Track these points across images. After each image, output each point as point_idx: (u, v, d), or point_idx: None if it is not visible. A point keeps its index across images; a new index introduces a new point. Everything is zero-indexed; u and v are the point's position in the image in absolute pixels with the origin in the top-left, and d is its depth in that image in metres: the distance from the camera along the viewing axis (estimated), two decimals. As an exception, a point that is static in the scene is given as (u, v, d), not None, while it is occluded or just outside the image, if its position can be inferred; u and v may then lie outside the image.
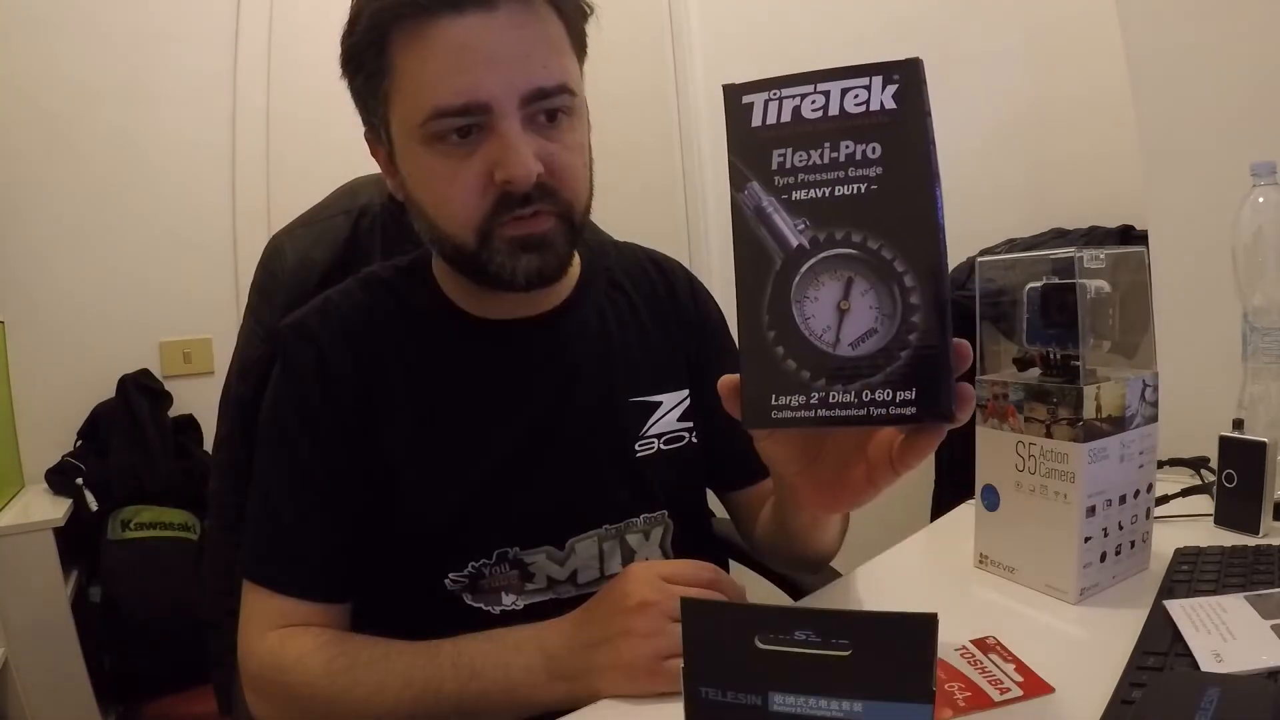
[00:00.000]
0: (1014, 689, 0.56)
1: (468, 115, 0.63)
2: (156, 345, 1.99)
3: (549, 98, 0.65)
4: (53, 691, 1.59)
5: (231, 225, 2.05)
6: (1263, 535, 0.79)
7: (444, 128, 0.63)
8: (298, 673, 0.65)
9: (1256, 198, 0.86)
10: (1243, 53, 1.03)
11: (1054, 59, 1.77)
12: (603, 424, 0.77)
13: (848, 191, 0.44)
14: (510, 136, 0.63)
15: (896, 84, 0.44)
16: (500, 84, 0.62)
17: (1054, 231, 1.69)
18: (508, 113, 0.63)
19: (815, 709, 0.38)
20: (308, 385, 0.71)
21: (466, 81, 0.62)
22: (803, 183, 0.45)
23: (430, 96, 0.63)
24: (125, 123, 1.95)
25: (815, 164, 0.45)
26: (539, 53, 0.64)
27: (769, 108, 0.46)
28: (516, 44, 0.63)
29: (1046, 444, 0.69)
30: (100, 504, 1.75)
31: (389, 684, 0.61)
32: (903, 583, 0.81)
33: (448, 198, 0.66)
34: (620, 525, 0.76)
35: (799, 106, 0.45)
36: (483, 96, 0.62)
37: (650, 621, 0.57)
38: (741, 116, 0.46)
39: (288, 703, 0.66)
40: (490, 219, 0.65)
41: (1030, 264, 0.72)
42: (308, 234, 0.91)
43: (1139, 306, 0.73)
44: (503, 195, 0.64)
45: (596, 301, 0.81)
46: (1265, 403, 0.87)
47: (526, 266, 0.67)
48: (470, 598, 0.72)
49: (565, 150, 0.67)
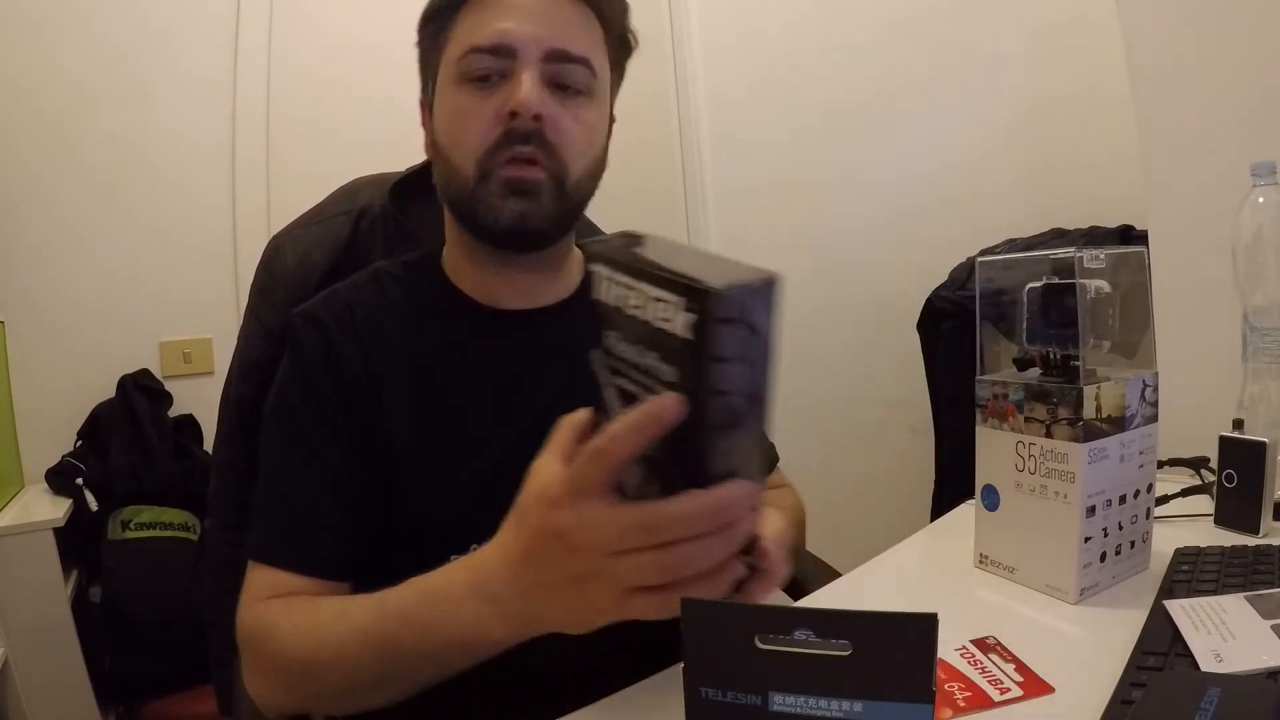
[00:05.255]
0: (1014, 689, 0.56)
1: (496, 55, 0.70)
2: (156, 345, 1.99)
3: (570, 62, 0.72)
4: (53, 691, 1.59)
5: (231, 225, 2.05)
6: (1263, 535, 0.79)
7: (474, 65, 0.71)
8: (271, 638, 0.64)
9: (1256, 198, 0.86)
10: (1242, 54, 1.03)
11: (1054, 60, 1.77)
12: None
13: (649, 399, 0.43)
14: (526, 76, 0.70)
15: (695, 315, 0.39)
16: (530, 36, 0.71)
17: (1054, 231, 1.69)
18: (529, 61, 0.70)
19: (815, 709, 0.38)
20: (315, 370, 0.73)
21: (502, 27, 0.70)
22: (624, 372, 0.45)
23: (470, 37, 0.71)
24: (125, 123, 1.95)
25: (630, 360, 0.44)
26: (572, 27, 0.73)
27: (607, 287, 0.45)
28: (556, 13, 0.72)
29: (1046, 444, 0.69)
30: (100, 504, 1.74)
31: (348, 643, 0.60)
32: (903, 583, 0.81)
33: (465, 129, 0.72)
34: None
35: (625, 296, 0.44)
36: (511, 41, 0.70)
37: (597, 563, 0.48)
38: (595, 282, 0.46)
39: (270, 673, 0.66)
40: (493, 154, 0.71)
41: (1030, 264, 0.72)
42: (308, 234, 0.91)
43: (1139, 306, 0.73)
44: (508, 131, 0.70)
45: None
46: (1265, 403, 0.87)
47: (511, 209, 0.71)
48: None
49: (573, 120, 0.72)
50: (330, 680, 0.62)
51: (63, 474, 1.78)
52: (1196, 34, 1.06)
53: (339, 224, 0.91)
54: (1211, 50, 1.05)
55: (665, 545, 0.44)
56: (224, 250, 2.04)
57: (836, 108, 2.16)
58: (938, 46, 1.96)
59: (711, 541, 0.45)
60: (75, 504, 1.71)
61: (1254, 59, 1.02)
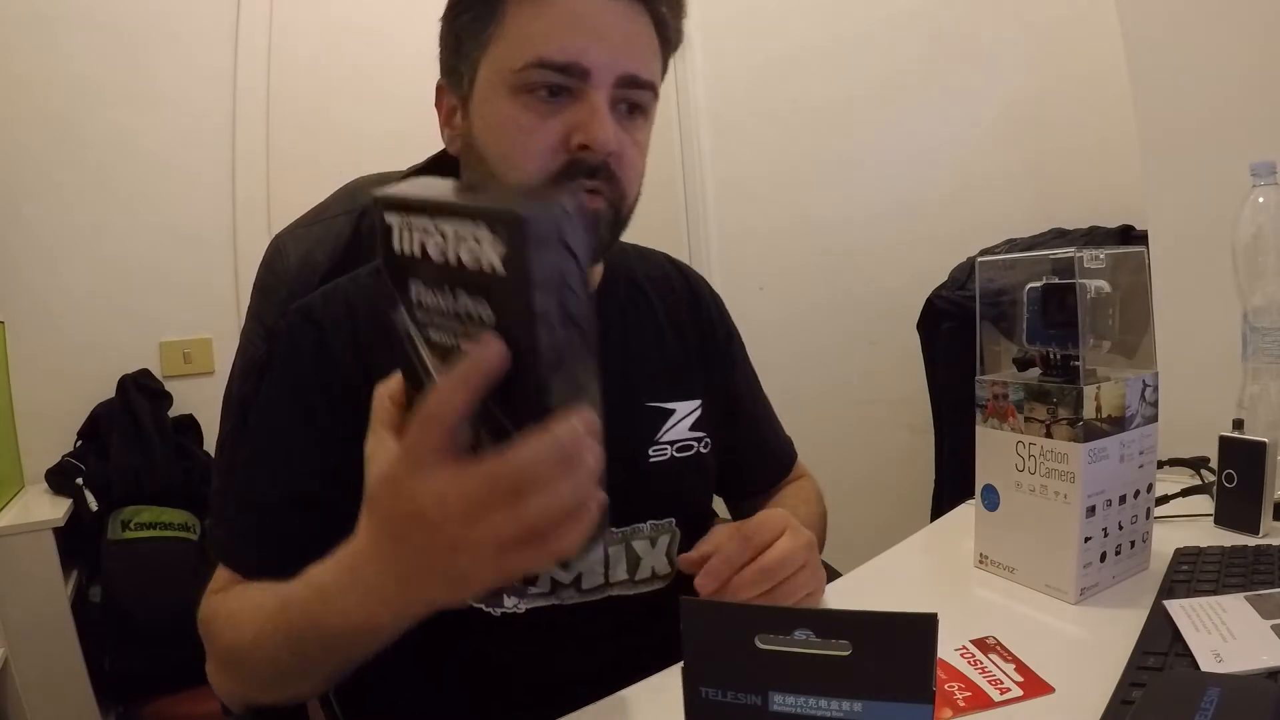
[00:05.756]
0: (1014, 689, 0.56)
1: (566, 74, 0.66)
2: (156, 345, 1.99)
3: (639, 89, 0.69)
4: (53, 691, 1.59)
5: (232, 225, 2.05)
6: (1263, 535, 0.79)
7: (538, 79, 0.66)
8: (214, 625, 0.64)
9: (1256, 198, 0.86)
10: (1242, 52, 1.03)
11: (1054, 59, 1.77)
12: (619, 425, 0.76)
13: (469, 347, 0.40)
14: (599, 105, 0.66)
15: (507, 245, 0.36)
16: (605, 57, 0.66)
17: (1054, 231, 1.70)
18: (602, 85, 0.66)
19: (815, 709, 0.38)
20: (304, 368, 0.71)
21: (576, 44, 0.65)
22: (435, 323, 0.42)
23: (536, 46, 0.66)
24: (125, 123, 1.94)
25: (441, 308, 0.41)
26: (641, 47, 0.69)
27: (404, 235, 0.42)
28: (626, 32, 0.68)
29: (1046, 444, 0.69)
30: (100, 504, 1.74)
31: (263, 633, 0.59)
32: (903, 583, 0.81)
33: (522, 148, 0.67)
34: (627, 530, 0.76)
35: (425, 242, 0.41)
36: (587, 62, 0.66)
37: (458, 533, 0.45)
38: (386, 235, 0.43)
39: (213, 660, 0.65)
40: (553, 182, 0.67)
41: (1030, 264, 0.72)
42: (310, 234, 0.91)
43: (1139, 306, 0.73)
44: (573, 161, 0.66)
45: (619, 302, 0.82)
46: (1265, 403, 0.87)
47: None
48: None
49: (633, 145, 0.70)
50: (257, 668, 0.61)
51: (63, 474, 1.78)
52: (1196, 34, 1.06)
53: (341, 223, 0.91)
54: (1211, 50, 1.05)
55: (519, 498, 0.41)
56: (224, 250, 2.04)
57: (836, 107, 2.17)
58: (938, 45, 1.96)
59: (562, 482, 0.41)
60: (75, 504, 1.71)
61: (1254, 59, 1.02)
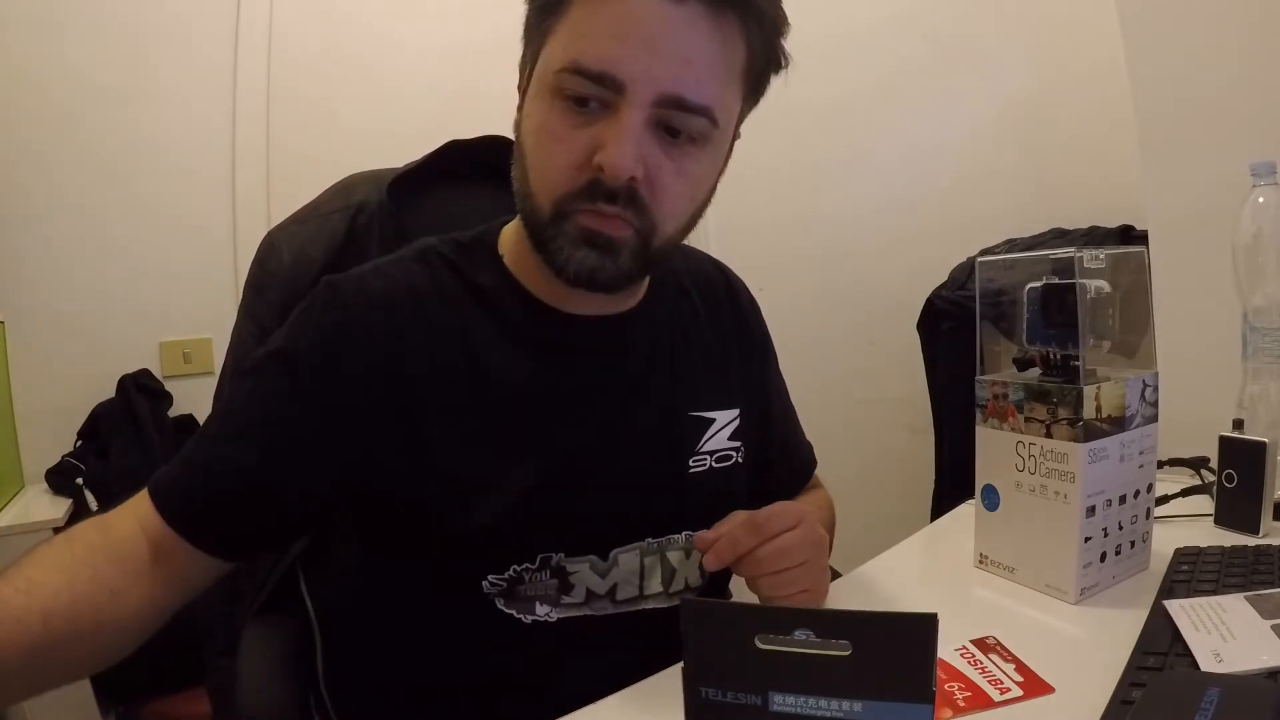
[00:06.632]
0: (1014, 689, 0.56)
1: (598, 85, 0.59)
2: (156, 345, 1.99)
3: (685, 112, 0.61)
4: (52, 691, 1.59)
5: (232, 224, 2.05)
6: (1263, 535, 0.79)
7: (571, 85, 0.60)
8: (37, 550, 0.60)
9: (1256, 198, 0.86)
10: (1243, 52, 1.03)
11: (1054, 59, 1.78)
12: (662, 434, 0.74)
13: None
14: (626, 125, 0.59)
15: None
16: (645, 71, 0.59)
17: (1054, 231, 1.70)
18: (637, 102, 0.59)
19: (815, 709, 0.38)
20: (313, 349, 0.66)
21: (616, 52, 0.58)
22: None
23: (576, 49, 0.60)
24: (125, 122, 1.94)
25: None
26: (699, 65, 0.60)
27: None
28: (683, 45, 0.59)
29: (1046, 444, 0.69)
30: (100, 504, 1.74)
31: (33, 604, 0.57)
32: (903, 583, 0.81)
33: (549, 156, 0.63)
34: (663, 540, 0.73)
35: None
36: (621, 75, 0.59)
37: None
38: None
39: None
40: (572, 199, 0.62)
41: (1030, 264, 0.72)
42: (303, 231, 0.90)
43: (1139, 306, 0.73)
44: (593, 181, 0.61)
45: (667, 307, 0.78)
46: (1265, 403, 0.87)
47: (582, 262, 0.63)
48: (503, 603, 0.68)
49: (676, 173, 0.63)
50: None
51: (63, 474, 1.78)
52: (1196, 34, 1.06)
53: (335, 220, 0.89)
54: (1211, 50, 1.05)
55: None
56: (224, 249, 2.04)
57: (836, 106, 2.16)
58: (938, 45, 1.96)
59: None
60: (75, 504, 1.71)
61: (1254, 59, 1.02)
